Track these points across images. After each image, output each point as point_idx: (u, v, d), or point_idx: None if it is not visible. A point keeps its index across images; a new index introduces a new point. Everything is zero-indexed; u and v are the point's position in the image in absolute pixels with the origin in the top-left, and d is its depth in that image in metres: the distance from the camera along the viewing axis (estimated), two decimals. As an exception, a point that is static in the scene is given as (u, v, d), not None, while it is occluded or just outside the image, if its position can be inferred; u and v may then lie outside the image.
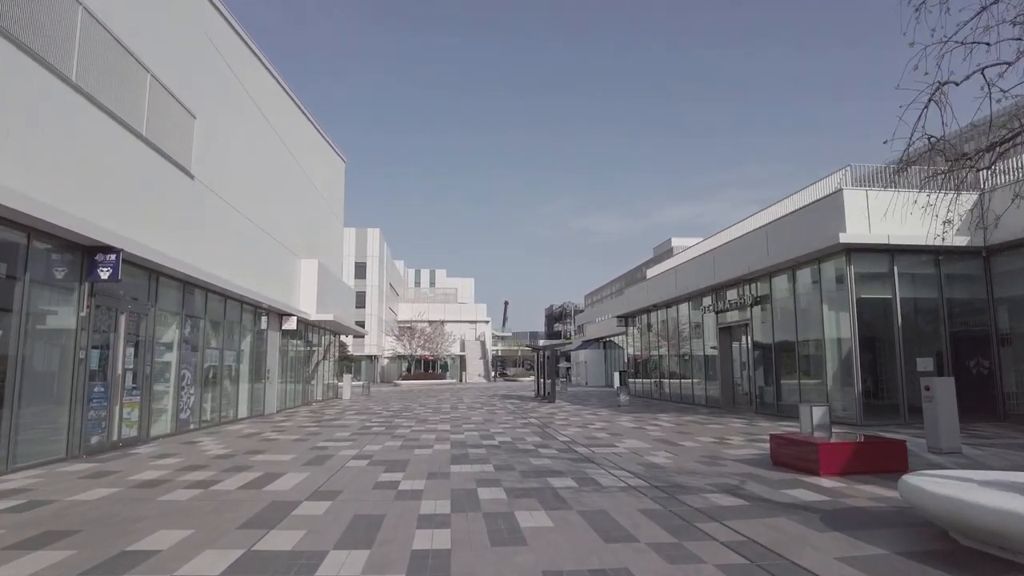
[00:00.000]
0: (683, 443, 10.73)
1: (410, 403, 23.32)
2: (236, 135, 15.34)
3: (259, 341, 17.35)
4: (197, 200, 12.81)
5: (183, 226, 12.08)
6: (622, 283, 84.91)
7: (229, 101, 14.89)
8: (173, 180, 11.75)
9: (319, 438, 11.71)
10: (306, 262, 21.18)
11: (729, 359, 20.05)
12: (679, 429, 13.10)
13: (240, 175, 15.63)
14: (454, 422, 15.06)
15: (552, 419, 15.92)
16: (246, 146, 16.11)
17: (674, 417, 16.13)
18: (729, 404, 19.74)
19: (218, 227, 13.96)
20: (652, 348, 26.64)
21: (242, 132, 15.80)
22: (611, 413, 17.76)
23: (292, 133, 20.49)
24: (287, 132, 19.78)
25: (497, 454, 9.49)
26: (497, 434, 12.34)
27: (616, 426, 13.83)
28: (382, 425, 14.35)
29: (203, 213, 13.12)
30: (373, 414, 17.80)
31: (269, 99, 18.06)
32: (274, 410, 18.36)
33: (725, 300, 19.32)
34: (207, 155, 13.41)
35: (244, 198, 15.72)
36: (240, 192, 15.48)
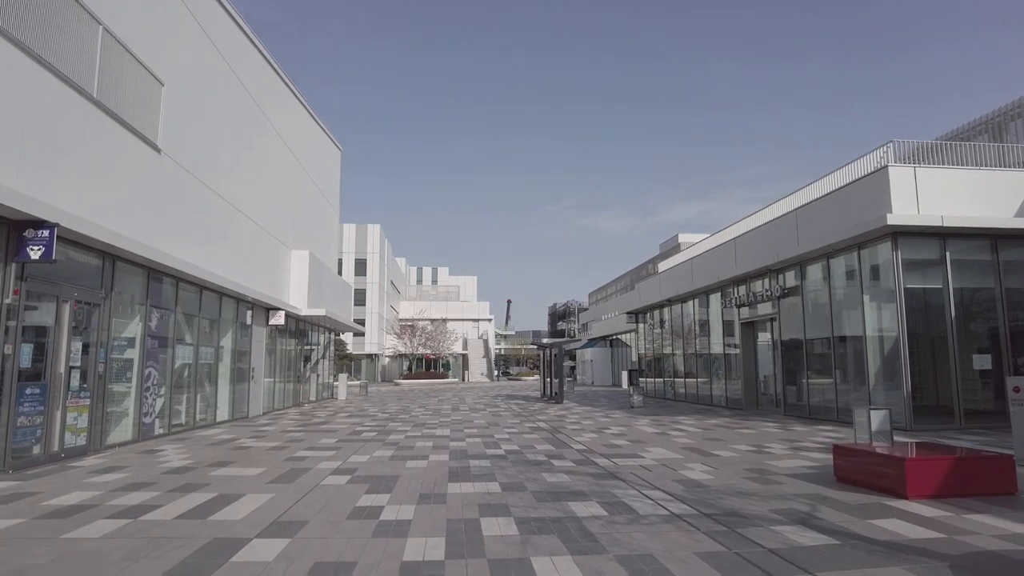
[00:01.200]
0: (718, 452, 9.28)
1: (409, 404, 21.91)
2: (214, 110, 13.93)
3: (243, 337, 15.94)
4: (165, 177, 11.39)
5: (147, 205, 10.66)
6: (628, 280, 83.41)
7: (206, 71, 13.47)
8: (135, 152, 10.33)
9: (300, 446, 10.29)
10: (297, 253, 19.77)
11: (752, 357, 18.58)
12: (707, 435, 11.65)
13: (220, 154, 14.21)
14: (455, 426, 13.63)
15: (562, 422, 14.48)
16: (227, 123, 14.69)
17: (696, 420, 14.68)
18: (752, 405, 18.27)
19: (192, 210, 12.55)
20: (665, 346, 25.17)
21: (221, 107, 14.38)
22: (626, 415, 16.31)
23: (281, 115, 19.07)
24: (275, 113, 18.36)
25: (504, 467, 8.05)
26: (503, 441, 10.90)
27: (635, 431, 12.39)
28: (375, 430, 12.93)
29: (173, 192, 11.70)
30: (367, 417, 16.38)
31: (254, 75, 16.64)
32: (259, 412, 16.95)
33: (749, 293, 17.85)
34: (179, 129, 11.99)
35: (225, 180, 14.31)
36: (220, 173, 14.06)
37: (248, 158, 16.10)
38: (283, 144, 19.13)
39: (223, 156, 14.33)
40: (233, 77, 15.11)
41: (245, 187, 15.69)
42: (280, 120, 18.80)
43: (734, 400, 19.11)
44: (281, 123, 18.88)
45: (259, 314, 16.87)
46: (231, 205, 14.67)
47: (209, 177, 13.40)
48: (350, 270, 58.46)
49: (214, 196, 13.67)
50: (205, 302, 13.50)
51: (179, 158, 11.96)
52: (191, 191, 12.52)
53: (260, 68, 17.37)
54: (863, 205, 12.95)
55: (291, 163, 20.09)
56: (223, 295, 14.26)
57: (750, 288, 17.90)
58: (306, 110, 22.24)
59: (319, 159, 24.14)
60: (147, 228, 10.59)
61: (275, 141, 18.38)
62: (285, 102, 19.68)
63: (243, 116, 15.76)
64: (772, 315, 16.90)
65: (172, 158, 11.66)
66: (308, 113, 22.54)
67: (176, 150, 11.84)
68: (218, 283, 13.14)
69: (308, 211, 22.26)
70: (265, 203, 17.33)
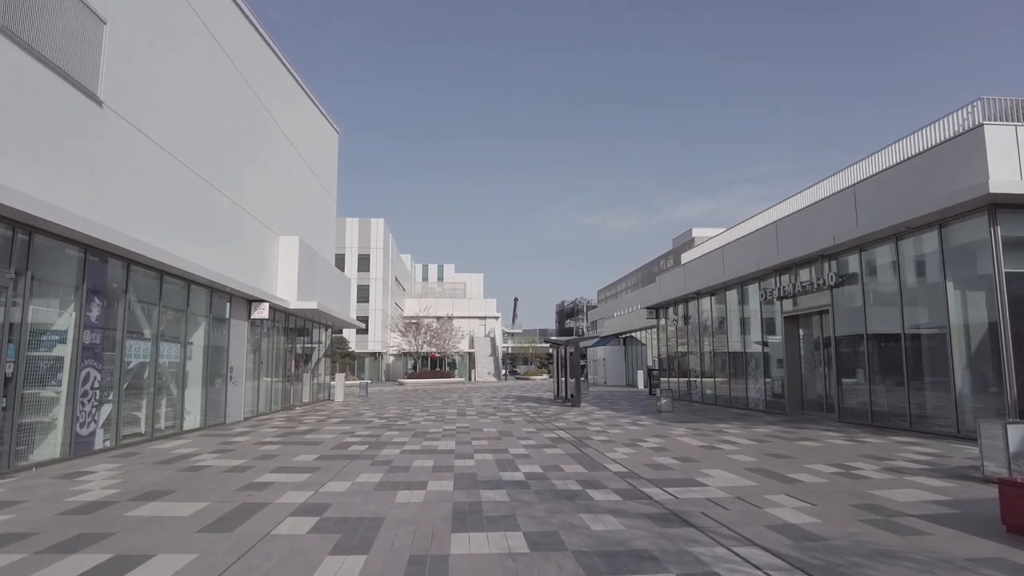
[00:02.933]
0: (798, 477, 7.21)
1: (411, 407, 19.90)
2: (180, 64, 11.93)
3: (219, 332, 13.96)
4: (109, 137, 9.40)
5: (81, 167, 8.68)
6: (639, 277, 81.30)
7: (168, 19, 11.47)
8: (62, 100, 8.34)
9: (269, 465, 8.28)
10: (285, 239, 17.78)
11: (797, 355, 16.45)
12: (765, 449, 9.57)
13: (189, 121, 12.23)
14: (461, 436, 11.60)
15: (585, 431, 12.43)
16: (196, 83, 12.70)
17: (741, 429, 12.59)
18: (797, 409, 16.15)
19: (147, 179, 10.57)
20: (690, 343, 23.05)
21: (189, 63, 12.39)
22: (656, 422, 14.23)
23: (267, 84, 17.09)
24: (259, 81, 16.37)
25: (527, 503, 6.01)
26: (520, 459, 8.86)
27: (677, 444, 10.32)
28: (366, 441, 10.91)
29: (119, 155, 9.71)
30: (361, 423, 14.37)
31: (233, 34, 14.65)
32: (240, 418, 14.98)
33: (794, 283, 15.72)
34: (131, 82, 10.01)
35: (192, 149, 12.32)
36: (186, 140, 12.08)
37: (225, 128, 14.11)
38: (269, 117, 17.14)
39: (190, 120, 12.34)
40: (207, 35, 13.12)
41: (219, 160, 13.70)
42: (265, 90, 16.80)
43: (775, 404, 17.00)
44: (267, 94, 16.88)
45: (239, 306, 14.88)
46: (201, 179, 12.68)
47: (173, 143, 11.42)
48: (353, 266, 56.58)
49: (178, 166, 11.68)
50: (168, 291, 11.52)
51: (132, 117, 9.97)
52: (146, 156, 10.53)
53: (241, 29, 15.38)
54: (947, 173, 10.82)
55: (279, 140, 18.10)
56: (191, 283, 12.27)
57: (796, 277, 15.77)
58: (298, 84, 20.25)
59: (313, 140, 22.15)
60: (81, 195, 8.60)
61: (259, 113, 16.39)
62: (272, 71, 17.68)
63: (218, 78, 13.77)
64: (823, 307, 14.78)
65: (121, 115, 9.67)
66: (300, 88, 20.54)
67: (127, 107, 9.85)
68: (184, 268, 11.16)
69: (300, 195, 20.27)
70: (246, 181, 15.34)
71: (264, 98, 16.67)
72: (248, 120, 15.60)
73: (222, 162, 13.81)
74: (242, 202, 14.91)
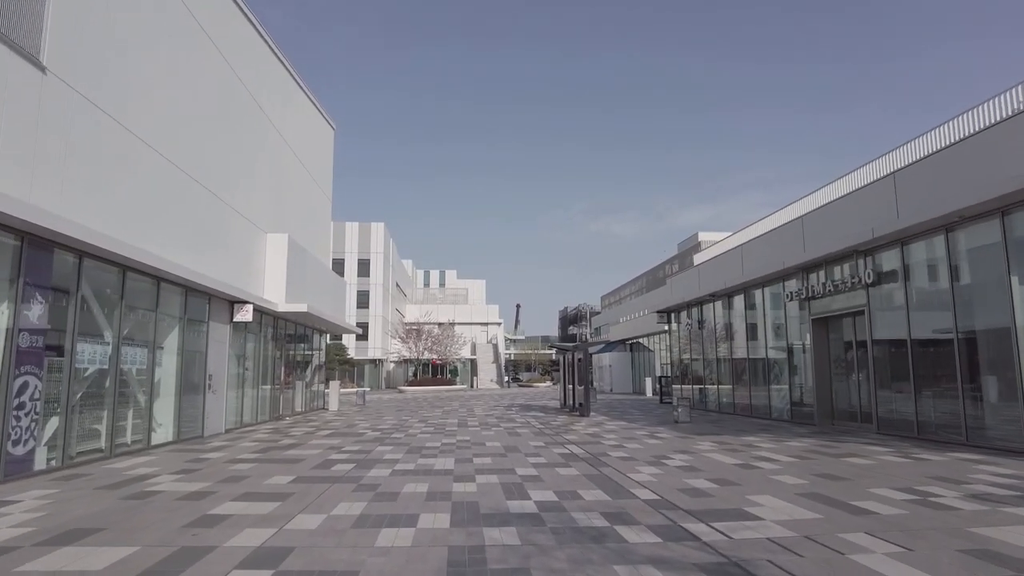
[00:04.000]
0: (868, 507, 5.92)
1: (409, 417, 18.61)
2: (155, 45, 10.75)
3: (196, 336, 12.72)
4: (52, 108, 8.20)
5: (17, 142, 7.46)
6: (644, 282, 79.98)
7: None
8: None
9: (234, 490, 7.01)
10: (273, 237, 16.55)
11: (826, 360, 15.14)
12: (812, 468, 8.28)
13: (160, 103, 11.04)
14: (461, 453, 10.32)
15: (600, 445, 11.13)
16: (174, 67, 11.52)
17: (772, 442, 11.29)
18: (826, 419, 14.83)
19: (107, 163, 9.36)
20: (705, 348, 21.75)
21: (167, 46, 11.21)
22: (676, 435, 12.93)
23: (257, 74, 15.92)
24: (248, 71, 15.20)
25: (544, 549, 4.72)
26: (530, 481, 7.57)
27: (707, 462, 9.02)
28: (354, 459, 9.64)
29: (67, 132, 8.50)
30: (352, 436, 13.10)
31: (217, 17, 13.47)
32: (220, 430, 13.70)
33: (825, 281, 14.45)
34: (84, 50, 8.83)
35: (167, 136, 11.13)
36: (160, 126, 10.89)
37: (204, 115, 12.92)
38: (257, 108, 15.96)
39: (162, 103, 11.14)
40: (184, 11, 11.96)
41: (197, 148, 12.50)
42: (254, 80, 15.63)
43: (801, 413, 15.69)
44: (255, 84, 15.71)
45: (220, 308, 13.64)
46: (176, 167, 11.48)
47: (140, 125, 10.22)
48: (353, 271, 55.39)
49: (146, 151, 10.48)
50: (133, 289, 10.28)
51: (83, 87, 8.77)
52: (103, 135, 9.32)
53: (228, 14, 14.23)
54: (1010, 155, 9.57)
55: (268, 132, 16.92)
56: (161, 280, 11.03)
57: (827, 275, 14.49)
58: (290, 75, 19.10)
59: (306, 134, 20.98)
60: (16, 171, 7.38)
61: (245, 102, 15.21)
62: (261, 58, 16.52)
63: (197, 61, 12.59)
64: (857, 308, 13.49)
65: (69, 84, 8.46)
66: (292, 78, 19.39)
67: (78, 77, 8.65)
68: (149, 263, 9.92)
69: (291, 192, 19.07)
70: (230, 174, 14.15)
71: (252, 87, 15.50)
72: (232, 109, 14.42)
73: (200, 151, 12.62)
74: (224, 195, 13.70)
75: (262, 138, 16.49)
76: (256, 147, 16.04)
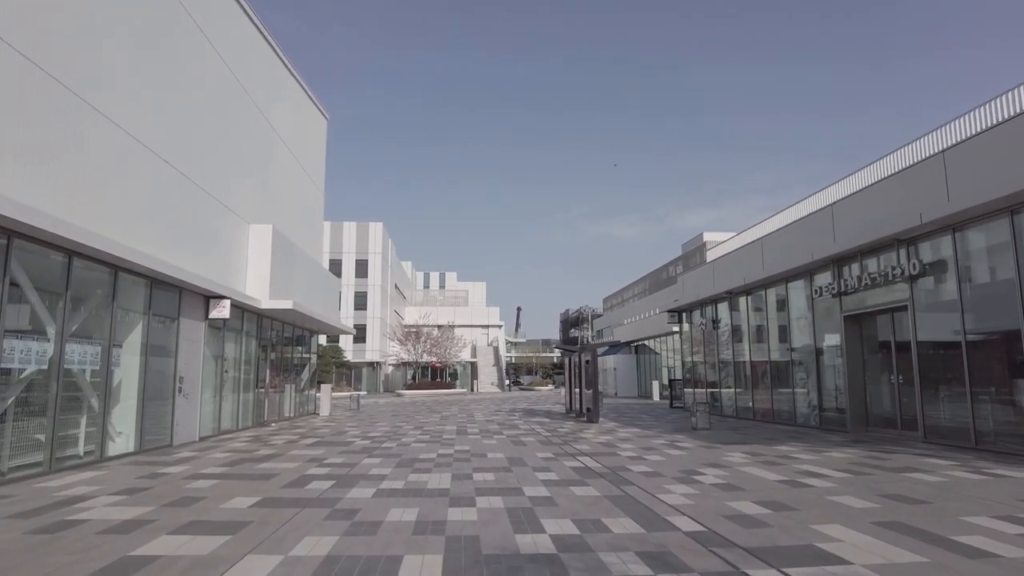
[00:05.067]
0: (975, 543, 4.61)
1: (404, 423, 17.30)
2: (114, 8, 9.49)
3: (163, 334, 11.42)
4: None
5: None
6: (647, 283, 78.59)
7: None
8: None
9: (178, 517, 5.70)
10: (256, 228, 15.27)
11: (859, 361, 13.82)
12: (873, 486, 6.96)
13: (116, 69, 9.77)
14: (460, 467, 9.01)
15: (616, 457, 9.81)
16: (137, 34, 10.25)
17: (810, 452, 9.96)
18: (860, 426, 13.51)
19: (56, 135, 8.08)
20: (720, 349, 20.43)
21: (129, 8, 9.95)
22: (700, 444, 11.62)
23: (239, 51, 14.65)
24: (228, 45, 13.93)
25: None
26: (542, 505, 6.25)
27: (745, 477, 7.70)
28: (335, 474, 8.33)
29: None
30: (339, 445, 11.79)
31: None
32: (195, 438, 12.39)
33: (860, 274, 13.15)
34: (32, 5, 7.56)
35: (122, 105, 9.86)
36: (114, 95, 9.62)
37: (173, 89, 11.65)
38: (237, 84, 14.68)
39: (119, 69, 9.87)
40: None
41: (163, 126, 11.23)
42: (232, 51, 14.35)
43: (830, 419, 14.38)
44: (234, 55, 14.44)
45: (193, 303, 12.35)
46: (138, 141, 10.19)
47: (88, 89, 8.94)
48: (351, 272, 54.15)
49: (95, 117, 9.20)
50: (82, 278, 9.00)
51: (29, 50, 7.50)
52: (32, 92, 8.04)
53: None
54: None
55: (252, 116, 15.66)
56: (119, 269, 9.73)
57: (861, 268, 13.19)
58: (278, 56, 17.84)
59: (296, 122, 19.72)
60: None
61: (226, 81, 13.93)
62: (242, 32, 15.25)
63: (165, 29, 11.32)
64: (898, 304, 12.19)
65: (8, 42, 7.20)
66: (280, 61, 18.14)
67: (16, 34, 7.38)
68: (101, 248, 8.63)
69: (278, 181, 17.80)
70: (206, 157, 12.88)
71: (235, 66, 14.23)
72: (209, 84, 13.15)
73: (167, 128, 11.35)
74: (199, 179, 12.43)
75: (245, 121, 15.21)
76: (238, 130, 14.77)
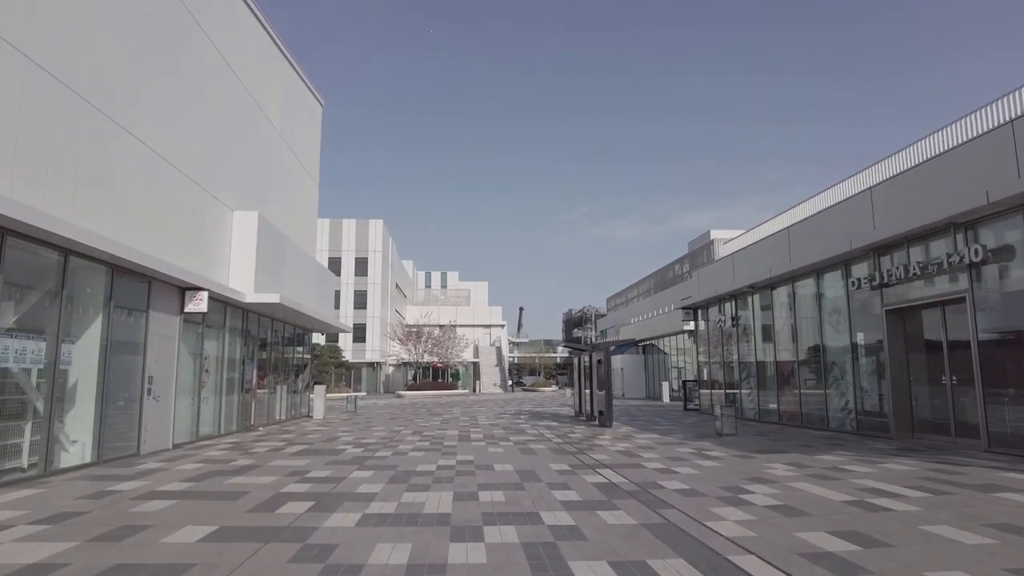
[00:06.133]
0: None
1: (402, 427, 16.03)
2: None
3: (129, 328, 10.16)
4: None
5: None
6: (653, 282, 77.31)
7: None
8: None
9: (100, 558, 4.43)
10: (241, 215, 14.00)
11: (903, 359, 12.51)
12: (964, 510, 5.66)
13: (83, 35, 8.51)
14: (463, 482, 7.72)
15: (642, 469, 8.52)
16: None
17: (858, 463, 8.66)
18: (905, 431, 12.22)
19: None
20: (740, 348, 19.13)
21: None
22: (731, 453, 10.33)
23: (226, 25, 13.38)
24: (210, 15, 12.66)
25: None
26: (567, 540, 4.96)
27: (800, 496, 6.39)
28: (314, 493, 7.05)
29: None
30: (327, 455, 10.51)
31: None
32: (167, 445, 11.12)
33: (906, 263, 11.85)
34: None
35: (83, 67, 8.59)
36: (80, 64, 8.36)
37: (159, 70, 10.39)
38: (226, 67, 13.43)
39: (96, 44, 8.61)
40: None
41: (126, 89, 9.97)
42: (224, 38, 13.09)
43: (869, 424, 13.08)
44: (226, 43, 13.17)
45: (165, 295, 11.08)
46: (90, 105, 8.93)
47: (50, 60, 7.69)
48: (350, 270, 52.92)
49: (59, 88, 7.94)
50: (19, 261, 7.74)
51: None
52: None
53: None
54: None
55: (242, 99, 14.40)
56: (69, 253, 8.46)
57: (908, 257, 11.89)
58: (267, 33, 16.58)
59: (289, 107, 18.47)
60: None
61: (207, 55, 12.67)
62: (234, 13, 13.99)
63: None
64: (953, 295, 10.89)
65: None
66: (270, 38, 16.88)
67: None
68: (43, 227, 7.37)
69: (266, 167, 16.54)
70: (181, 134, 11.62)
71: (218, 41, 12.97)
72: (188, 61, 11.89)
73: (131, 97, 10.09)
74: (172, 157, 11.17)
75: (229, 101, 13.95)
76: (220, 110, 13.51)
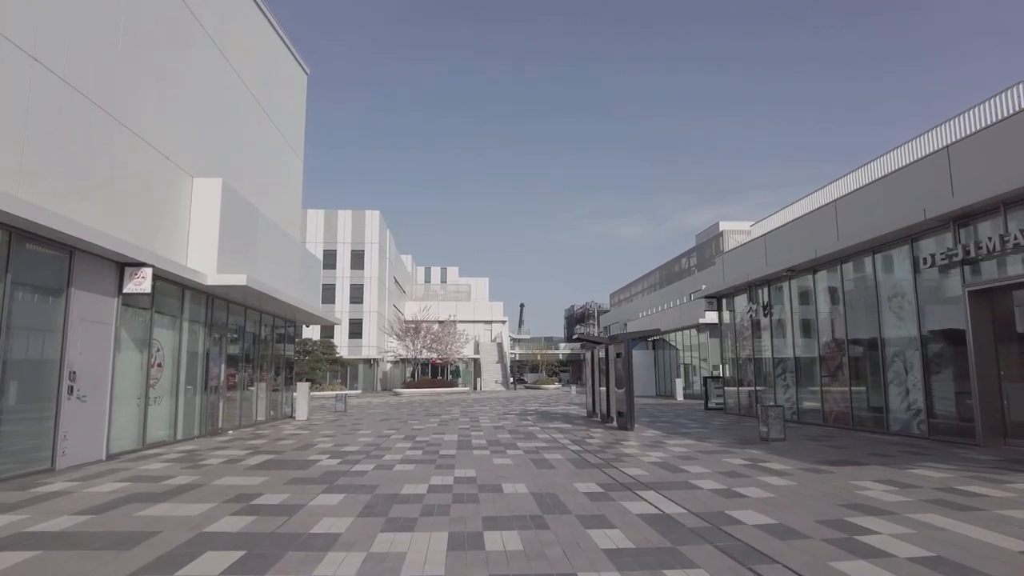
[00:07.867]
0: None
1: (393, 430, 13.97)
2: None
3: (37, 311, 8.10)
4: None
5: None
6: (658, 276, 75.17)
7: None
8: None
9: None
10: (201, 183, 11.92)
11: (991, 351, 10.44)
12: None
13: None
14: (461, 511, 5.65)
15: (697, 491, 6.46)
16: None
17: (976, 482, 6.60)
18: (996, 436, 10.16)
19: None
20: (775, 340, 17.07)
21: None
22: (798, 466, 8.27)
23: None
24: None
25: None
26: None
27: (940, 537, 4.32)
28: (251, 533, 4.98)
29: None
30: (292, 468, 8.45)
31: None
32: (100, 456, 9.06)
33: (994, 235, 9.78)
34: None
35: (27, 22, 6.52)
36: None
37: (110, 24, 8.30)
38: (197, 24, 11.34)
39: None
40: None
41: (49, 16, 7.89)
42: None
43: (945, 427, 11.04)
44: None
45: (96, 270, 9.01)
46: (34, 59, 6.86)
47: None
48: (346, 263, 50.82)
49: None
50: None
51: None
52: None
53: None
54: None
55: (200, 45, 12.30)
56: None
57: (1004, 225, 9.82)
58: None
59: (268, 71, 16.39)
60: None
61: (180, 14, 10.59)
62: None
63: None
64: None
65: None
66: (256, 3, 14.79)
67: None
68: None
69: (238, 133, 14.44)
70: (120, 77, 9.53)
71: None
72: (154, 18, 9.81)
73: (53, 27, 8.02)
74: (110, 106, 9.10)
75: (191, 53, 11.86)
76: (179, 60, 11.42)
